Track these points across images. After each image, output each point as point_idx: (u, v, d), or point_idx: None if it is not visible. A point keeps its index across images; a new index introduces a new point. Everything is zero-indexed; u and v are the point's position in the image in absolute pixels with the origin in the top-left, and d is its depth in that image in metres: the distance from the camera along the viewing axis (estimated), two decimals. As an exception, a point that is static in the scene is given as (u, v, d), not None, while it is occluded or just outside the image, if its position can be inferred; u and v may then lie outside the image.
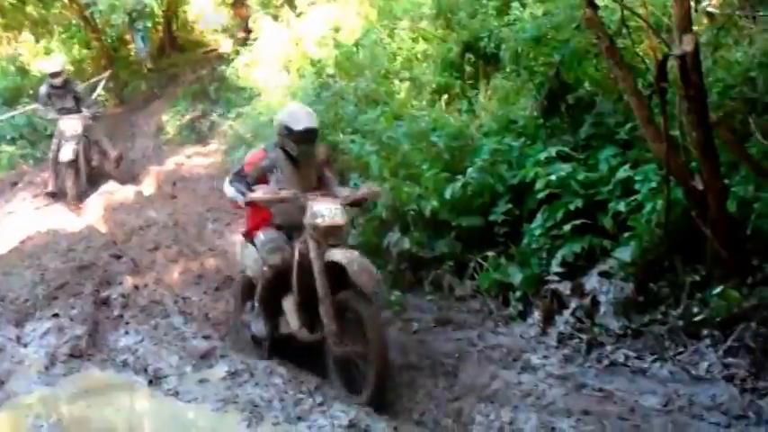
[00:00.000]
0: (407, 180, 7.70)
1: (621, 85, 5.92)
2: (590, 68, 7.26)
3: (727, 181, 5.60)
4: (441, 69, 9.65)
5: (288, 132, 5.99)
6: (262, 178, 6.11)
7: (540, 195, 6.69)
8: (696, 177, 5.53)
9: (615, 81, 6.05)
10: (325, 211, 5.74)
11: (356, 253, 5.73)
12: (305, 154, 6.10)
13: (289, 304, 6.04)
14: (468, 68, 9.31)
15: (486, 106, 8.37)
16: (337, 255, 5.60)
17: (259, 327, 6.26)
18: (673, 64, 5.48)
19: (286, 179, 6.09)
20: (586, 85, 7.25)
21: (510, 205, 6.96)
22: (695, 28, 5.86)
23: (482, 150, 7.35)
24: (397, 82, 9.87)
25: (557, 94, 7.26)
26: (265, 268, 6.03)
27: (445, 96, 8.98)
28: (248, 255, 6.37)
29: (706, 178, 5.44)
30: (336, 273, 5.61)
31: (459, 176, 7.22)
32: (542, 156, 6.88)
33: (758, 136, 5.62)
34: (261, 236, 6.17)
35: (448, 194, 7.14)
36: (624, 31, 6.27)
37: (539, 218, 6.65)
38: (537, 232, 6.60)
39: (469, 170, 7.20)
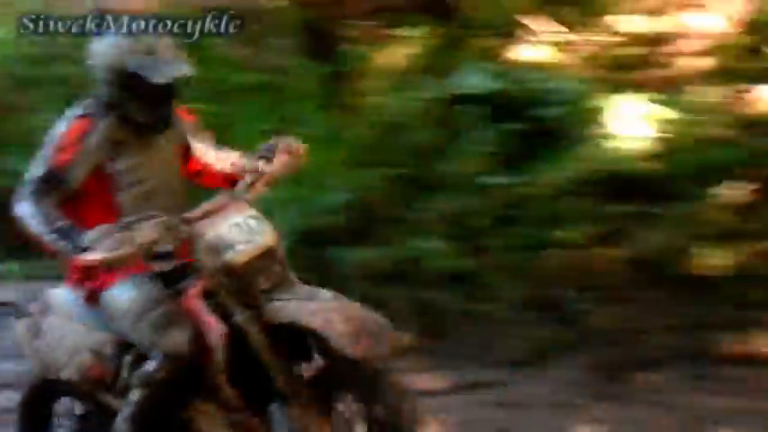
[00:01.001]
0: None
1: None
2: None
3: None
4: None
5: (136, 84, 2.88)
6: (96, 172, 2.92)
7: None
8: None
9: None
10: (236, 233, 2.81)
11: (328, 294, 2.84)
12: (165, 121, 3.03)
13: (205, 414, 2.97)
14: None
15: None
16: (291, 308, 2.76)
17: None
18: None
19: (134, 169, 2.99)
20: None
21: None
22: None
23: None
24: None
25: None
26: (155, 365, 2.86)
27: None
28: (60, 336, 3.10)
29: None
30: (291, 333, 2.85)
31: None
32: None
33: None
34: (123, 293, 2.93)
35: None
36: None
37: None
38: None
39: None
